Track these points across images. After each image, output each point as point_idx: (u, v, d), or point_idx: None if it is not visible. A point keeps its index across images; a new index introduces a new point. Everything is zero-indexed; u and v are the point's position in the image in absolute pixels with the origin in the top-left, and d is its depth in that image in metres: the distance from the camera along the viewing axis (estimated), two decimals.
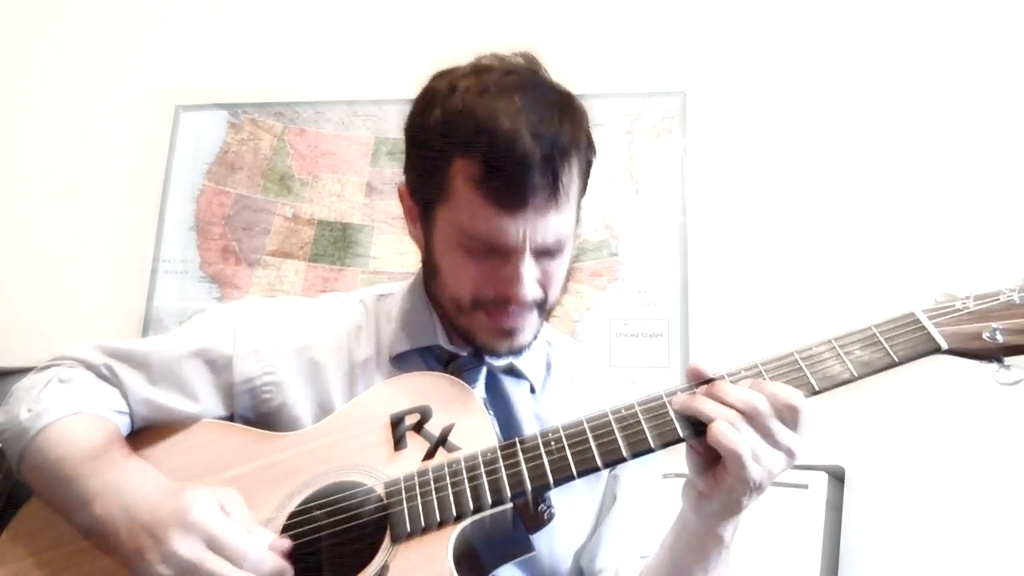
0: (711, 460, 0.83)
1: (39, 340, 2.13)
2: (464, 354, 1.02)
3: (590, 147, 0.96)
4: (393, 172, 2.33)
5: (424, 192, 0.96)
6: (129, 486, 0.87)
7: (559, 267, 0.96)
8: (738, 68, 2.23)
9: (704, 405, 0.82)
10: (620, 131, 2.25)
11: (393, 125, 2.34)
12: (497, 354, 0.99)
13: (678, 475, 0.89)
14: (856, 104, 2.14)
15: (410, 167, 0.99)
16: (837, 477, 1.84)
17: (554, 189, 0.89)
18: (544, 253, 0.93)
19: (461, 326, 0.98)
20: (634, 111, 2.26)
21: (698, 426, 0.83)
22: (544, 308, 0.97)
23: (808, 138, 2.15)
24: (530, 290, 0.92)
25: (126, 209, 2.41)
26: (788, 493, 1.75)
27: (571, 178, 0.91)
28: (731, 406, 0.81)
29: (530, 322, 0.97)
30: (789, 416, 0.80)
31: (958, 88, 2.09)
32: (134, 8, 2.58)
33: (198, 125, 2.45)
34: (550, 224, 0.90)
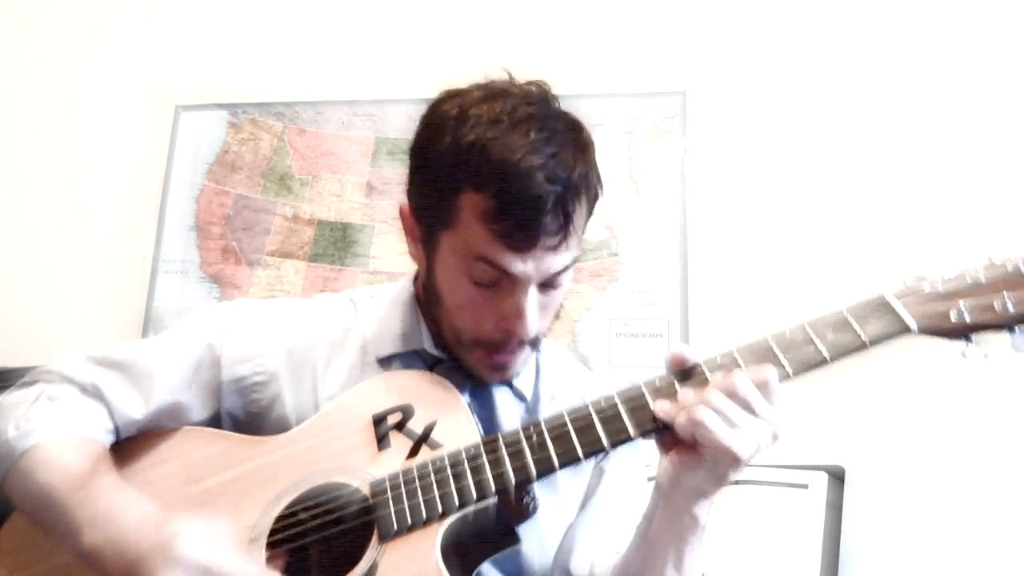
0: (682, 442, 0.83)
1: (39, 340, 2.13)
2: (445, 358, 1.03)
3: (599, 181, 0.96)
4: (393, 172, 2.32)
5: (429, 217, 0.96)
6: (117, 517, 0.86)
7: (559, 297, 0.97)
8: (738, 68, 2.23)
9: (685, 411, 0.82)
10: (620, 131, 2.25)
11: (393, 125, 2.34)
12: (488, 385, 1.01)
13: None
14: (855, 104, 2.14)
15: (415, 190, 0.99)
16: (837, 477, 1.84)
17: (565, 229, 0.90)
18: (548, 285, 0.94)
19: (457, 353, 1.00)
20: (634, 111, 2.25)
21: None
22: (536, 342, 0.99)
23: (808, 138, 2.15)
24: (532, 325, 0.93)
25: (126, 209, 2.41)
26: (788, 493, 1.75)
27: (581, 216, 0.93)
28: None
29: (523, 357, 0.99)
30: (762, 389, 0.81)
31: (955, 86, 2.09)
32: (134, 8, 2.58)
33: (198, 125, 2.45)
34: (559, 259, 0.92)
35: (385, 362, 1.04)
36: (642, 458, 0.98)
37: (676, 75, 2.25)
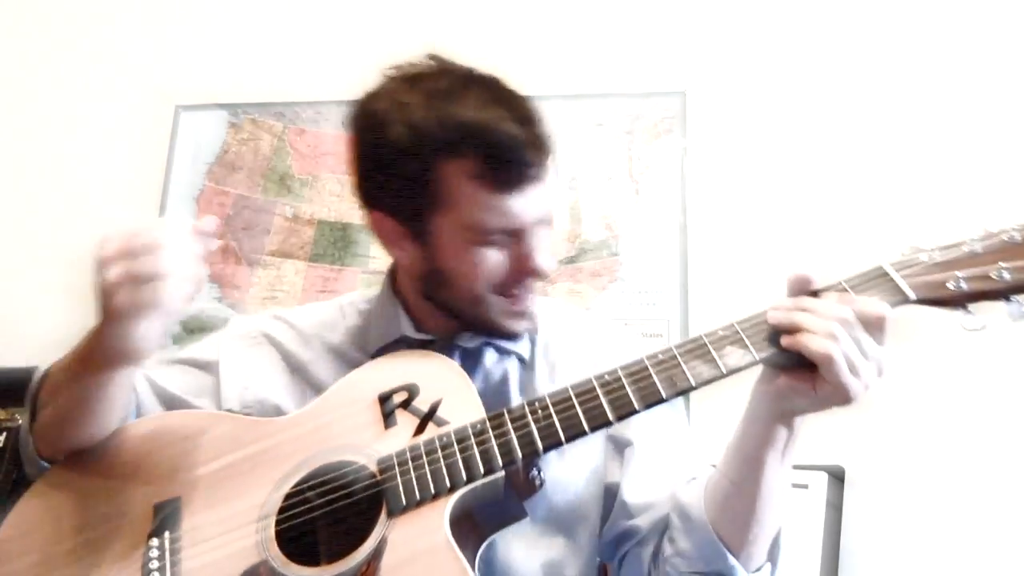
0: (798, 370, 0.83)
1: (39, 340, 2.12)
2: (433, 339, 1.04)
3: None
4: None
5: (411, 207, 0.97)
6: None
7: (550, 236, 1.01)
8: (738, 68, 2.23)
9: (798, 316, 0.82)
10: (620, 131, 2.25)
11: None
12: (517, 336, 1.03)
13: None
14: (855, 103, 2.14)
15: (383, 190, 0.99)
16: (837, 477, 1.84)
17: (545, 155, 0.96)
18: (544, 223, 0.98)
19: (481, 318, 1.01)
20: (634, 111, 2.25)
21: (705, 374, 0.85)
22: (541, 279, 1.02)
23: (807, 137, 2.15)
24: (547, 260, 0.98)
25: (126, 209, 2.41)
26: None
27: (551, 144, 0.97)
28: (823, 315, 0.82)
29: (534, 299, 1.02)
30: (876, 326, 0.81)
31: (955, 84, 2.09)
32: (134, 8, 2.58)
33: (198, 125, 2.45)
34: (549, 191, 0.97)
35: (376, 356, 1.06)
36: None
37: (676, 75, 2.25)
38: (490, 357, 1.06)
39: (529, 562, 0.97)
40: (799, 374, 0.83)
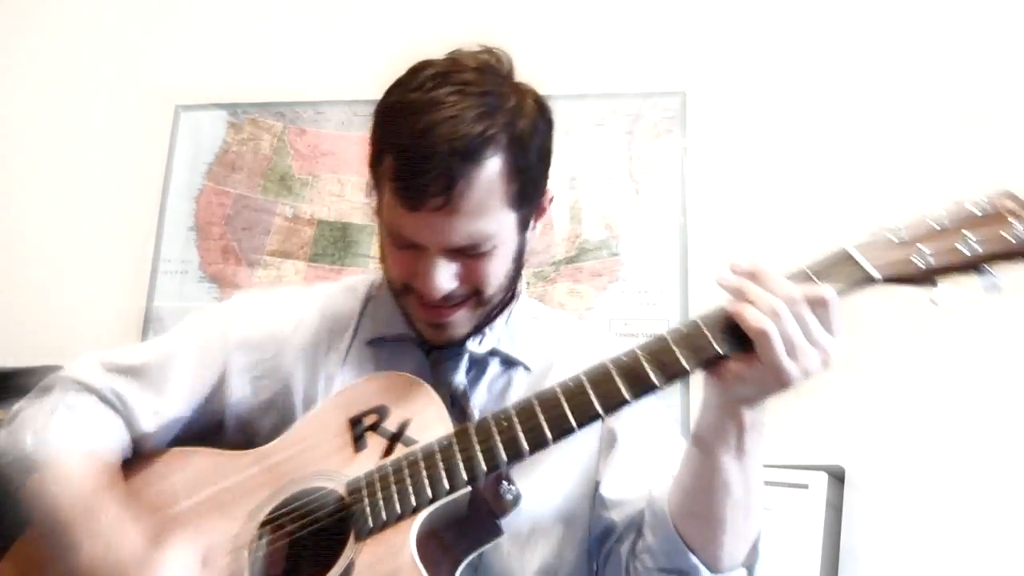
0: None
1: (40, 340, 2.13)
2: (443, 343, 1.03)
3: (523, 148, 0.94)
4: None
5: (374, 181, 1.00)
6: (105, 540, 0.89)
7: (488, 266, 0.96)
8: (738, 68, 2.23)
9: (745, 283, 0.81)
10: (620, 131, 2.25)
11: None
12: (434, 344, 1.01)
13: None
14: (855, 103, 2.14)
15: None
16: (837, 477, 1.84)
17: (448, 193, 0.89)
18: (460, 252, 0.94)
19: (403, 308, 1.01)
20: (634, 111, 2.25)
21: (669, 371, 0.84)
22: (481, 301, 0.98)
23: (807, 137, 2.15)
24: (442, 286, 0.94)
25: (126, 209, 2.41)
26: (788, 493, 1.75)
27: (478, 182, 0.90)
28: (769, 288, 0.80)
29: (463, 316, 0.98)
30: (821, 306, 0.79)
31: (955, 85, 2.09)
32: (134, 8, 2.58)
33: (198, 125, 2.45)
34: (455, 226, 0.91)
35: (376, 344, 1.06)
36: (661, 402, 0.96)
37: (676, 75, 2.25)
38: (495, 367, 1.05)
39: (521, 566, 0.97)
40: (742, 358, 0.81)
